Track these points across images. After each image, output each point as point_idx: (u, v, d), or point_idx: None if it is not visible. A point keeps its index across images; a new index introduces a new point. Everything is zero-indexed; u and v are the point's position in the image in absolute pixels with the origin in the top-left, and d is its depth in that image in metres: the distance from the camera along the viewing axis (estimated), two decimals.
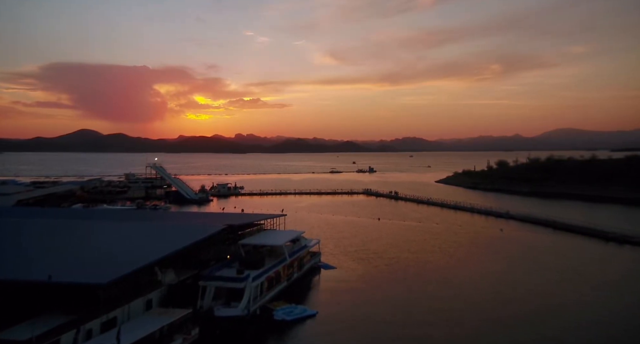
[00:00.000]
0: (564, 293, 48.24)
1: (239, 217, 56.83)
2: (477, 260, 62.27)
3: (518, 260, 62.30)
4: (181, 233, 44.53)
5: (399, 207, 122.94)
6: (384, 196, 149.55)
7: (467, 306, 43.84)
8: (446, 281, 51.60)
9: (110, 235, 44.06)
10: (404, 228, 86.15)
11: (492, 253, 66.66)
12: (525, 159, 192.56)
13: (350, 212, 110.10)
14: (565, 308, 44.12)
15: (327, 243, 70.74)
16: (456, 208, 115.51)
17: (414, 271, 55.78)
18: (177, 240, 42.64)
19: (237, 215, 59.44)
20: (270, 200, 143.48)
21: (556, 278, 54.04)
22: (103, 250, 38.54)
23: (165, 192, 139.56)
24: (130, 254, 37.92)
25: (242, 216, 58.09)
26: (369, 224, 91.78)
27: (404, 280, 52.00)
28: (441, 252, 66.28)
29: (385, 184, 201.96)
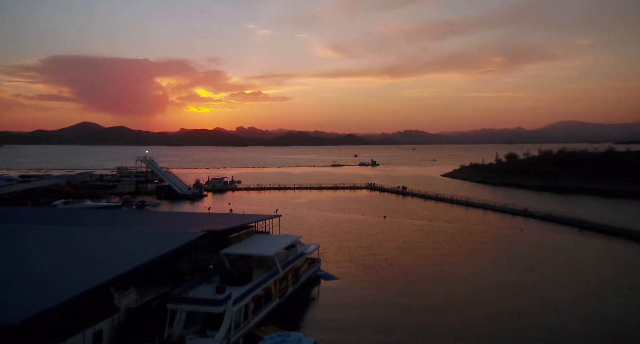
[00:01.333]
0: (613, 315, 39.85)
1: (225, 219, 48.55)
2: (503, 269, 53.79)
3: (548, 269, 53.85)
4: (148, 242, 36.26)
5: (405, 203, 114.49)
6: (388, 191, 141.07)
7: (504, 334, 35.54)
8: (471, 299, 43.19)
9: (53, 247, 35.66)
10: (413, 228, 77.77)
11: (517, 259, 58.20)
12: (537, 152, 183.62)
13: (353, 209, 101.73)
14: (623, 334, 35.80)
15: (328, 246, 62.48)
16: (468, 205, 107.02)
17: (430, 284, 47.29)
18: (141, 251, 34.40)
19: (223, 216, 51.27)
20: (268, 195, 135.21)
21: (593, 291, 45.69)
22: (36, 269, 30.18)
23: (156, 187, 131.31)
24: (72, 273, 29.62)
25: (229, 218, 49.83)
26: (374, 223, 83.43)
27: (419, 295, 43.65)
28: (459, 258, 57.86)
29: (388, 178, 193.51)
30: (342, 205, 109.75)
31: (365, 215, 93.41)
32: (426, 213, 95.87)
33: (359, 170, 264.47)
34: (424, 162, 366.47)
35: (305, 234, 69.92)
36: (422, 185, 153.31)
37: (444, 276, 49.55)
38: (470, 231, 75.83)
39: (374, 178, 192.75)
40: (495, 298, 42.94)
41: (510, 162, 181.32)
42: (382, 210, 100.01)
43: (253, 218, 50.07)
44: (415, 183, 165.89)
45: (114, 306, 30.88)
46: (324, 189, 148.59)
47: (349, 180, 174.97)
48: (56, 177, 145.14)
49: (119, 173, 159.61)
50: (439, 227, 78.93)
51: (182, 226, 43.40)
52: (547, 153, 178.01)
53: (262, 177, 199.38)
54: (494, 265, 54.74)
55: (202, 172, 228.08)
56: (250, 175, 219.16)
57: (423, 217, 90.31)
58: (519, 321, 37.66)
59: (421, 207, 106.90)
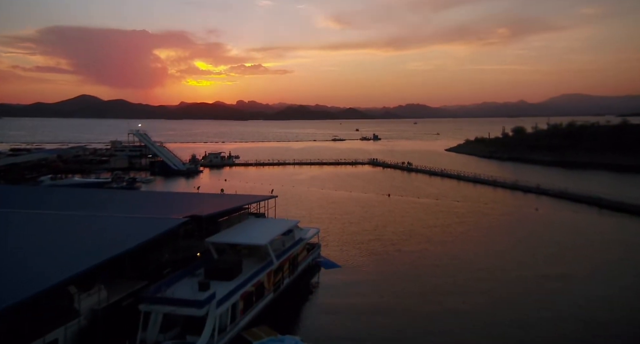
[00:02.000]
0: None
1: (214, 201, 43.34)
2: (524, 257, 48.69)
3: (575, 258, 48.84)
4: (120, 230, 31.11)
5: (409, 180, 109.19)
6: (391, 167, 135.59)
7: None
8: (495, 299, 38.12)
9: (13, 236, 30.44)
10: (420, 208, 72.61)
11: (538, 245, 53.11)
12: (545, 125, 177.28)
13: (356, 186, 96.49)
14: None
15: (329, 229, 57.46)
16: (476, 182, 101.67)
17: (444, 278, 42.06)
18: (111, 241, 29.28)
19: (213, 197, 46.10)
20: (266, 171, 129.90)
21: (631, 284, 40.78)
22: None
23: (150, 162, 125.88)
24: (21, 272, 24.52)
25: (219, 199, 44.62)
26: (378, 202, 78.27)
27: (433, 293, 38.52)
28: (473, 244, 52.74)
29: (391, 153, 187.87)
30: (343, 182, 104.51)
31: (368, 193, 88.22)
32: (433, 191, 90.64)
33: (360, 144, 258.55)
34: (427, 136, 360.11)
35: (305, 215, 64.93)
36: (426, 160, 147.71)
37: (459, 268, 44.33)
38: (482, 211, 70.66)
39: (377, 153, 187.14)
40: (524, 298, 37.26)
41: (518, 135, 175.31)
42: (385, 188, 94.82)
43: (246, 199, 44.87)
44: (419, 158, 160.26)
45: (73, 310, 25.88)
46: (324, 165, 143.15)
47: (350, 156, 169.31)
48: (46, 151, 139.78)
49: (113, 148, 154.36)
50: (448, 206, 73.76)
51: (164, 210, 38.24)
52: (555, 127, 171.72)
53: (262, 152, 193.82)
54: (513, 253, 49.67)
55: (200, 147, 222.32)
56: (250, 149, 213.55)
57: (430, 195, 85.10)
58: (563, 328, 32.74)
59: (427, 184, 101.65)
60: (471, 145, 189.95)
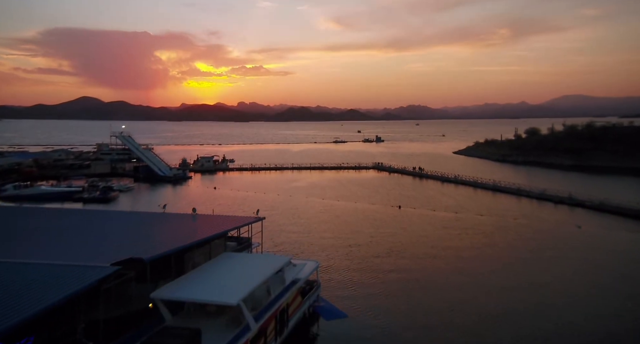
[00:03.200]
0: None
1: (178, 229, 32.19)
2: (589, 302, 37.65)
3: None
4: (16, 291, 20.02)
5: (420, 188, 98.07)
6: (398, 172, 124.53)
7: None
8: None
9: None
10: (438, 224, 61.46)
11: (598, 276, 42.04)
12: (561, 126, 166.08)
13: (361, 196, 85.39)
14: None
15: (331, 255, 46.44)
16: (496, 190, 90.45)
17: (491, 325, 31.13)
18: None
19: (179, 220, 35.02)
20: (262, 176, 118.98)
21: None
22: None
23: (133, 167, 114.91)
24: None
25: (186, 225, 33.51)
26: (388, 215, 67.14)
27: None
28: (515, 276, 41.64)
29: (396, 156, 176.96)
30: (346, 190, 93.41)
31: (376, 204, 77.09)
32: (449, 202, 79.47)
33: (363, 146, 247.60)
34: (432, 137, 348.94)
35: (301, 236, 53.87)
36: (435, 165, 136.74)
37: (515, 320, 33.17)
38: (513, 228, 59.44)
39: (381, 156, 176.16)
40: None
41: (532, 137, 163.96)
42: (395, 197, 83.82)
43: (221, 225, 33.88)
44: (426, 162, 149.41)
45: None
46: (325, 169, 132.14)
47: (353, 159, 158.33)
48: (21, 155, 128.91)
49: (99, 151, 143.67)
50: (471, 222, 62.60)
51: (104, 246, 27.20)
52: (572, 128, 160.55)
53: (259, 155, 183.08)
54: (572, 292, 38.50)
55: (195, 149, 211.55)
56: (247, 152, 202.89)
57: (447, 207, 73.92)
58: None
59: (440, 193, 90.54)
60: (481, 147, 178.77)
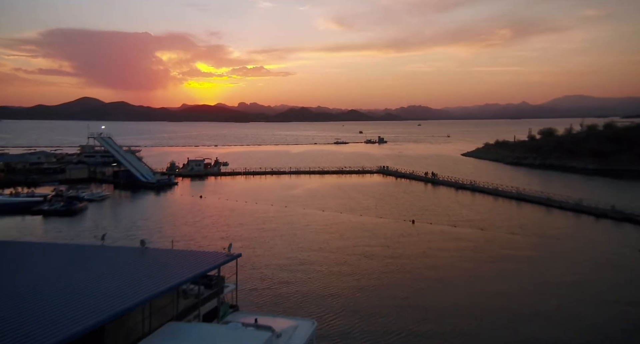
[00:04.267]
0: None
1: (103, 285, 20.95)
2: None
3: None
4: None
5: (434, 196, 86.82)
6: (406, 177, 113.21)
7: None
8: None
9: None
10: (465, 245, 50.17)
11: None
12: (579, 126, 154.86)
13: (367, 206, 74.17)
14: None
15: (335, 293, 35.20)
16: (520, 199, 79.11)
17: None
18: None
19: (114, 259, 24.00)
20: (257, 182, 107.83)
21: None
22: None
23: (113, 172, 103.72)
24: None
25: (119, 272, 22.46)
26: (401, 234, 55.89)
27: None
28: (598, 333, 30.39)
29: (401, 159, 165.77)
30: (350, 198, 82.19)
31: (385, 217, 65.83)
32: (469, 214, 68.22)
33: (365, 148, 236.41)
34: (436, 138, 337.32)
35: (294, 268, 42.54)
36: (444, 168, 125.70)
37: None
38: (559, 253, 48.07)
39: (385, 158, 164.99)
40: None
41: (548, 139, 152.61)
42: (405, 208, 72.64)
43: (175, 270, 22.87)
44: (435, 165, 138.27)
45: None
46: (326, 174, 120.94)
47: (355, 162, 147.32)
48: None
49: (83, 153, 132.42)
50: (505, 243, 51.36)
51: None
52: (591, 129, 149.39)
53: (257, 157, 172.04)
54: None
55: (189, 151, 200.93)
56: (244, 154, 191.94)
57: (469, 221, 62.66)
58: None
59: (456, 202, 79.33)
60: (493, 149, 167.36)
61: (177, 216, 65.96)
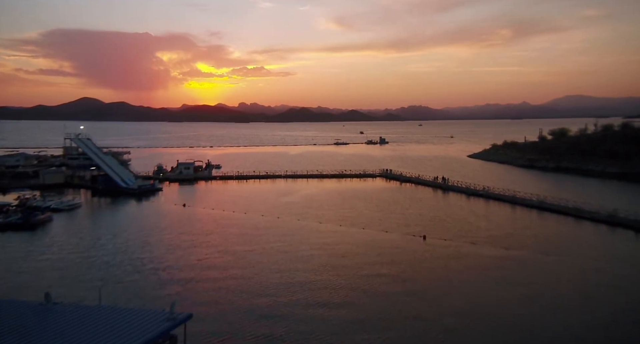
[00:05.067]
0: None
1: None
2: None
3: None
4: None
5: (444, 205, 77.97)
6: (411, 181, 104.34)
7: None
8: None
9: None
10: (493, 273, 41.37)
11: None
12: (593, 125, 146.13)
13: (369, 217, 65.39)
14: None
15: None
16: (542, 209, 70.18)
17: None
18: None
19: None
20: (250, 187, 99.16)
21: None
22: None
23: (91, 177, 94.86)
24: None
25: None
26: (411, 255, 47.07)
27: None
28: None
29: (404, 161, 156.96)
30: (350, 207, 73.34)
31: (391, 230, 57.00)
32: (487, 227, 59.39)
33: (366, 149, 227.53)
34: (439, 139, 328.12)
35: (280, 308, 33.49)
36: (451, 171, 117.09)
37: None
38: (616, 283, 39.39)
39: (387, 160, 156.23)
40: None
41: (561, 140, 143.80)
42: (414, 219, 63.84)
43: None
44: (440, 167, 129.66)
45: None
46: (324, 178, 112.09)
47: (356, 164, 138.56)
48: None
49: (67, 155, 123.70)
50: (536, 267, 42.63)
51: None
52: (607, 129, 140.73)
53: (252, 159, 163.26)
54: None
55: (183, 152, 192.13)
56: (240, 155, 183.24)
57: (490, 237, 53.84)
58: None
59: (470, 212, 70.51)
60: (501, 150, 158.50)
61: (152, 231, 57.18)
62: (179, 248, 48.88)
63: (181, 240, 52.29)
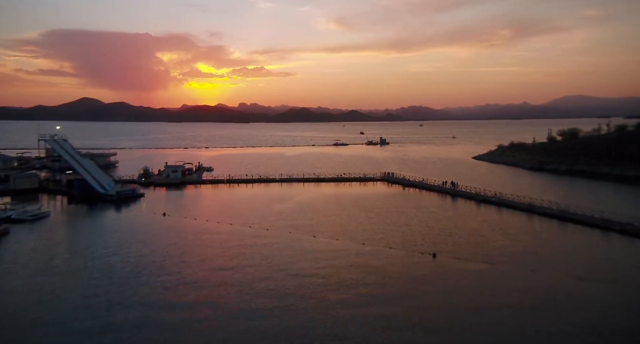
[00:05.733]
0: None
1: None
2: None
3: None
4: None
5: (453, 214, 70.23)
6: (415, 186, 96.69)
7: None
8: None
9: None
10: (525, 303, 33.86)
11: None
12: (606, 125, 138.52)
13: (370, 228, 57.78)
14: None
15: None
16: (564, 219, 62.54)
17: None
18: None
19: None
20: (241, 192, 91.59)
21: None
22: None
23: (67, 182, 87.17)
24: None
25: None
26: (419, 277, 39.53)
27: None
28: None
29: (406, 163, 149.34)
30: (349, 217, 65.70)
31: (395, 247, 49.39)
32: (504, 241, 51.75)
33: (366, 150, 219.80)
34: (441, 139, 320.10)
35: None
36: (456, 174, 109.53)
37: None
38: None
39: (388, 162, 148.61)
40: None
41: (572, 141, 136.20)
42: (421, 231, 56.27)
43: None
44: (446, 170, 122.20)
45: None
46: (321, 181, 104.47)
47: (356, 166, 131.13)
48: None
49: (48, 156, 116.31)
50: (579, 297, 35.03)
51: None
52: (622, 129, 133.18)
53: (248, 160, 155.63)
54: None
55: (177, 153, 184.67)
56: (235, 157, 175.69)
57: (509, 255, 46.19)
58: None
59: (482, 222, 62.87)
60: (508, 152, 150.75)
61: (119, 249, 49.56)
62: (144, 273, 41.21)
63: (149, 261, 44.67)
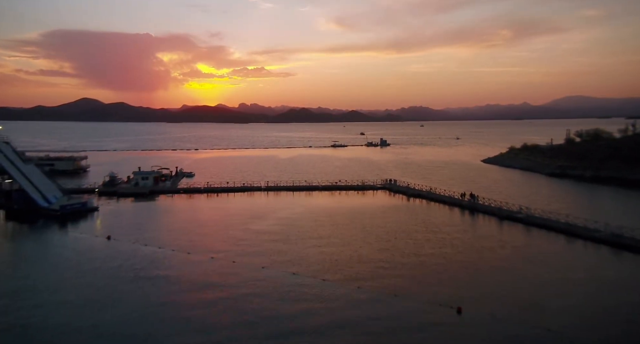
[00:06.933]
0: None
1: None
2: None
3: None
4: None
5: (472, 235, 56.41)
6: (421, 197, 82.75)
7: None
8: None
9: None
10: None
11: None
12: (631, 126, 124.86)
13: (367, 261, 43.92)
14: None
15: None
16: (616, 246, 48.72)
17: None
18: None
19: None
20: (219, 203, 77.81)
21: None
22: None
23: (5, 193, 73.21)
24: None
25: None
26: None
27: None
28: None
29: (409, 167, 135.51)
30: (344, 242, 51.76)
31: (405, 295, 35.56)
32: (554, 289, 38.03)
33: (366, 152, 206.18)
34: (444, 140, 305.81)
35: None
36: (467, 182, 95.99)
37: None
38: None
39: (390, 167, 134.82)
40: None
41: (596, 143, 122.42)
42: (436, 267, 42.47)
43: None
44: (456, 178, 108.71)
45: None
46: (313, 190, 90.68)
47: (354, 171, 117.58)
48: None
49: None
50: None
51: None
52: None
53: (237, 164, 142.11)
54: None
55: (164, 156, 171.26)
56: (224, 160, 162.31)
57: (563, 311, 32.50)
58: None
59: (513, 250, 49.06)
60: (521, 155, 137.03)
61: (30, 293, 35.84)
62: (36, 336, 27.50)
63: (55, 316, 30.87)
